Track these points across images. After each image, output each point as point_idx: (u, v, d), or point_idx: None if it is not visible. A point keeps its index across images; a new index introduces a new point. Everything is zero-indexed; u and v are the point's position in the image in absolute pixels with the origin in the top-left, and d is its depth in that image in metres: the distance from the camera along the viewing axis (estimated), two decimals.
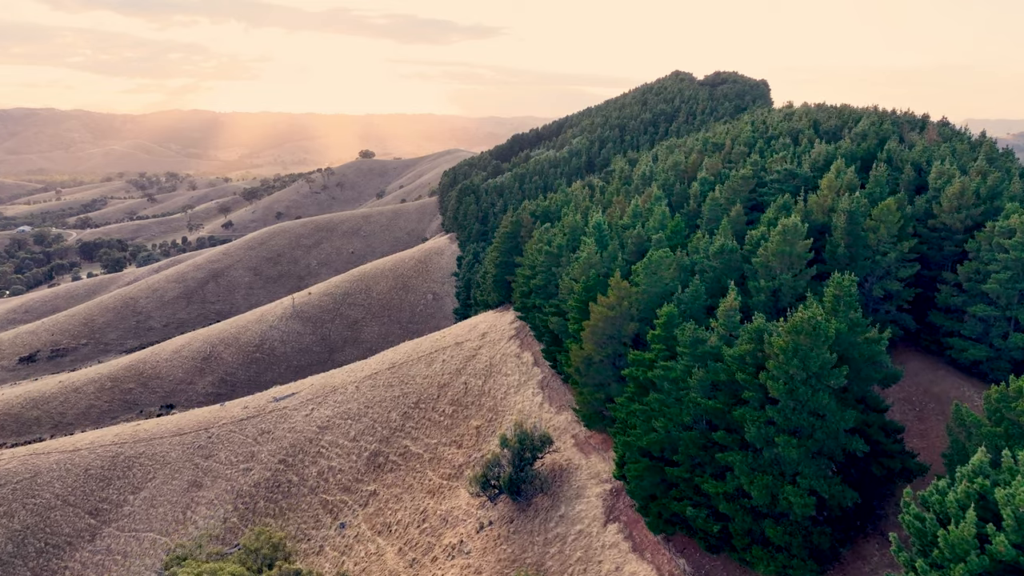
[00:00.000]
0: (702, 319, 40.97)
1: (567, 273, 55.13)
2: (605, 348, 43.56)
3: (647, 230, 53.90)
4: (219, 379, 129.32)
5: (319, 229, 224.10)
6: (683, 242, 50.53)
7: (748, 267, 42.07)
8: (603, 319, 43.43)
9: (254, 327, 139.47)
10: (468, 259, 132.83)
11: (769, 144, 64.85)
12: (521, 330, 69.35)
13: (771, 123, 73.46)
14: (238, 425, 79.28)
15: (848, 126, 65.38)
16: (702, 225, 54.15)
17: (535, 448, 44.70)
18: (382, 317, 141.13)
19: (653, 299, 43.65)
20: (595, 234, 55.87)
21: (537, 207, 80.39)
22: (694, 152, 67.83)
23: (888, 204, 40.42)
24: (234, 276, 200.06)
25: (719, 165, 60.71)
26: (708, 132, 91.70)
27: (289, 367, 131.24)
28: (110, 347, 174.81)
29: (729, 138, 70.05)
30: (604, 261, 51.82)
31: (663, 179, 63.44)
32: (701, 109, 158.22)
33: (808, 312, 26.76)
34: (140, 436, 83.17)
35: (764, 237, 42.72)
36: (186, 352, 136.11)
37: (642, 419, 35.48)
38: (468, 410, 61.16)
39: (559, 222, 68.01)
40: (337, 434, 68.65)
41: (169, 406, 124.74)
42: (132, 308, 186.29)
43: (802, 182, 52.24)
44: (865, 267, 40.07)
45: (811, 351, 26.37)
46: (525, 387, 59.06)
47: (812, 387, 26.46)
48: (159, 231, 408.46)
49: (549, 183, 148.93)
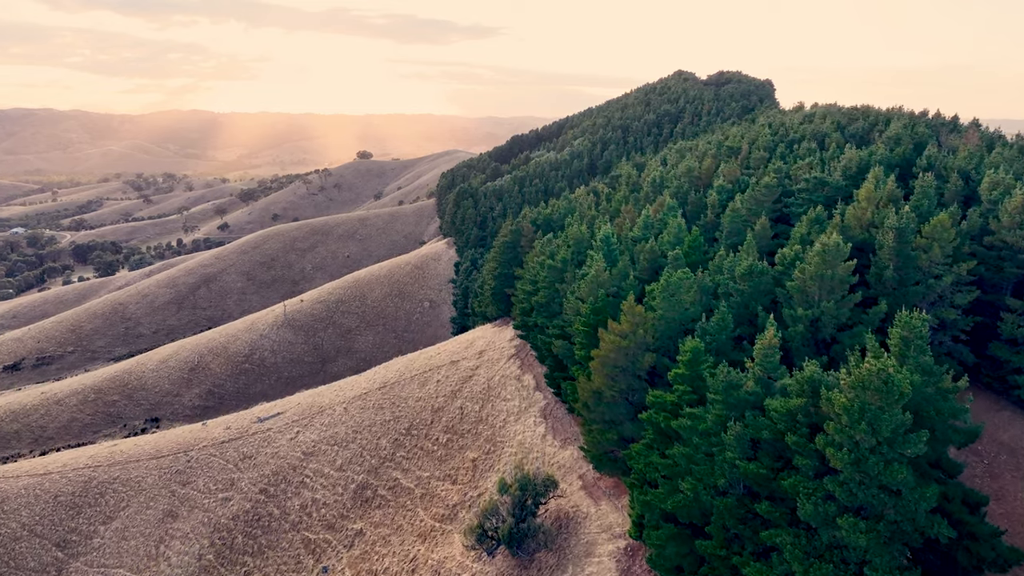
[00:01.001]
0: (729, 351, 35.87)
1: (572, 291, 50.05)
2: (617, 382, 38.43)
3: (661, 244, 48.80)
4: (207, 391, 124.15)
5: (314, 232, 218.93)
6: (703, 259, 45.40)
7: (781, 291, 36.94)
8: (615, 349, 38.31)
9: (244, 336, 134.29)
10: (466, 266, 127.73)
11: (791, 148, 59.73)
12: (521, 349, 64.24)
13: (790, 125, 68.25)
14: (219, 448, 74.13)
15: (878, 128, 60.21)
16: (721, 239, 49.03)
17: (538, 494, 39.59)
18: (377, 326, 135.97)
19: (672, 326, 38.56)
20: (603, 248, 50.76)
21: (538, 215, 75.24)
22: (708, 157, 62.70)
23: (941, 220, 35.32)
24: (226, 281, 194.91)
25: (737, 171, 55.61)
26: (720, 135, 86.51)
27: (280, 378, 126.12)
28: (97, 355, 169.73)
29: (746, 142, 64.84)
30: (614, 279, 46.69)
31: (675, 186, 58.32)
32: (707, 110, 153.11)
33: (878, 364, 21.62)
34: (116, 459, 78.01)
35: (799, 257, 37.61)
36: (173, 362, 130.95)
37: (664, 474, 30.37)
38: (464, 439, 56.03)
39: (562, 232, 62.90)
40: (323, 462, 63.50)
41: (154, 420, 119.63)
42: (121, 314, 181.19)
43: (833, 191, 47.14)
44: (916, 293, 34.96)
45: (882, 412, 21.26)
46: (526, 415, 53.94)
47: (884, 457, 21.34)
48: (154, 233, 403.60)
49: (550, 186, 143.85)
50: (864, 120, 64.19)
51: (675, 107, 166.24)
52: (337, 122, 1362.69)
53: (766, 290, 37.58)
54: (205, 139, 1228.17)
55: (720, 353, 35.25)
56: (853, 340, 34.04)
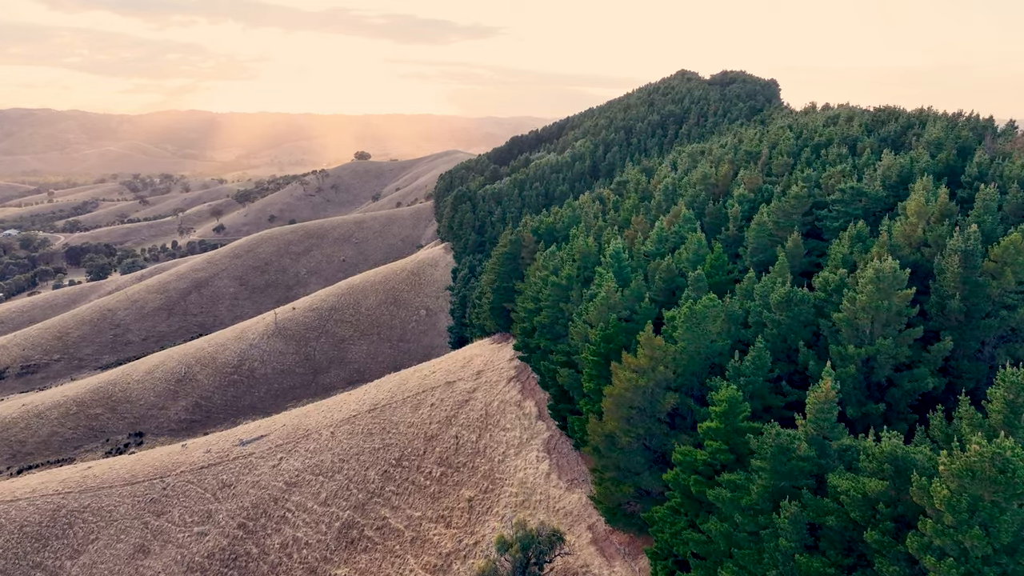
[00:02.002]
0: (767, 394, 30.78)
1: (579, 314, 44.97)
2: (634, 426, 33.35)
3: (679, 262, 43.68)
4: (193, 404, 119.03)
5: (309, 236, 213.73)
6: (727, 280, 40.27)
7: (824, 323, 31.85)
8: (630, 387, 33.23)
9: (233, 346, 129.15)
10: (464, 273, 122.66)
11: (817, 154, 54.64)
12: (522, 370, 59.13)
13: (812, 128, 62.99)
14: (198, 474, 69.00)
15: (913, 132, 55.00)
16: (745, 256, 43.91)
17: (542, 551, 34.49)
18: (371, 335, 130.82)
19: (696, 361, 33.48)
20: (613, 265, 45.65)
21: (540, 223, 70.11)
22: (725, 162, 57.63)
23: (1014, 240, 30.27)
24: (218, 286, 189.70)
25: (759, 179, 50.52)
26: (734, 137, 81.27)
27: (269, 390, 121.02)
28: (84, 363, 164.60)
29: (765, 145, 59.66)
30: (626, 301, 41.60)
31: (691, 195, 53.24)
32: (713, 110, 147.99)
33: (991, 447, 16.51)
34: (88, 484, 72.88)
35: (843, 283, 32.52)
36: (159, 373, 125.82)
37: (697, 552, 25.27)
38: (459, 473, 50.92)
39: (566, 245, 57.78)
40: (306, 494, 58.37)
41: (138, 434, 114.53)
42: (109, 321, 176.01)
43: (872, 203, 42.04)
44: (987, 327, 29.91)
45: (1000, 511, 16.16)
46: (527, 448, 48.84)
47: (1002, 569, 16.22)
48: (149, 235, 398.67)
49: (550, 189, 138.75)
50: (896, 122, 58.96)
51: (679, 107, 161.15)
52: (336, 122, 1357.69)
53: (806, 320, 32.48)
54: (203, 139, 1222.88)
55: (756, 396, 30.22)
56: (914, 384, 29.00)
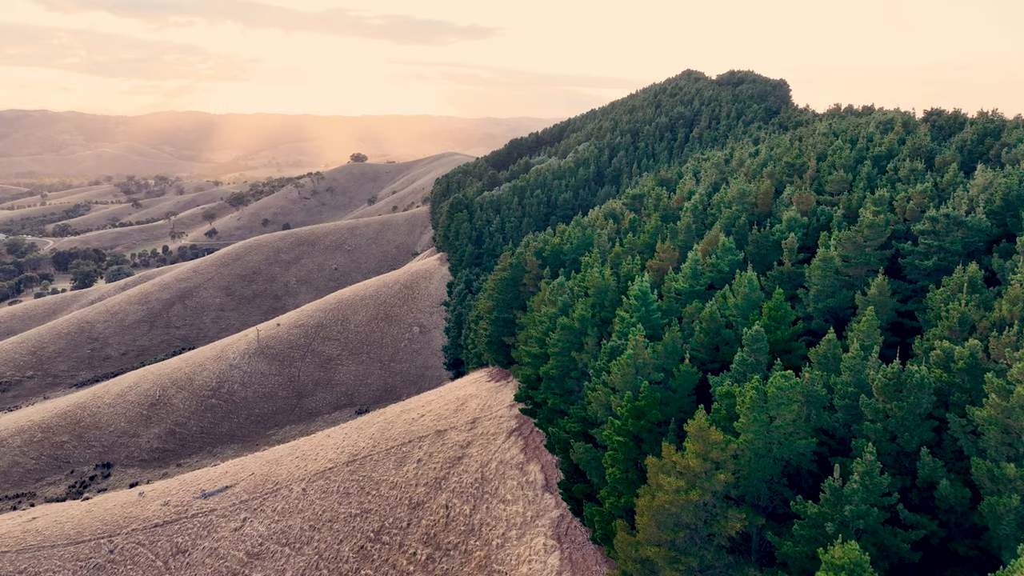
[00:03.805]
0: (881, 530, 21.69)
1: (597, 370, 35.86)
2: (685, 554, 24.26)
3: (723, 307, 34.58)
4: (167, 431, 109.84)
5: (300, 243, 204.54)
6: (789, 335, 31.12)
7: (953, 418, 22.76)
8: (675, 500, 24.17)
9: (212, 366, 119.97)
10: (460, 288, 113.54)
11: (881, 167, 45.60)
12: (525, 423, 50.07)
13: (865, 134, 53.43)
14: (151, 534, 59.83)
15: (1003, 143, 45.61)
16: (806, 300, 34.78)
17: None
18: (360, 354, 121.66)
19: (766, 463, 24.43)
20: (639, 309, 36.54)
21: (544, 244, 60.95)
22: (764, 176, 48.57)
23: None
24: (203, 297, 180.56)
25: (811, 198, 41.49)
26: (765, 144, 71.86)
27: (250, 416, 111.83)
28: (59, 380, 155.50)
29: (812, 156, 50.31)
30: (659, 359, 32.52)
31: (727, 217, 44.20)
32: (725, 112, 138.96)
33: None
34: (27, 542, 63.61)
35: (974, 359, 23.43)
36: (132, 396, 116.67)
37: None
38: (449, 559, 41.82)
39: (577, 275, 48.65)
40: (269, 570, 49.24)
41: (106, 465, 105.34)
42: (88, 334, 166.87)
43: (973, 235, 32.98)
44: None
45: None
46: (532, 530, 39.76)
47: None
48: (140, 239, 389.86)
49: (553, 197, 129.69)
50: (970, 128, 49.66)
51: (689, 109, 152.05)
52: (334, 123, 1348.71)
53: (925, 412, 23.38)
54: (201, 140, 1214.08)
55: (867, 532, 21.13)
56: None
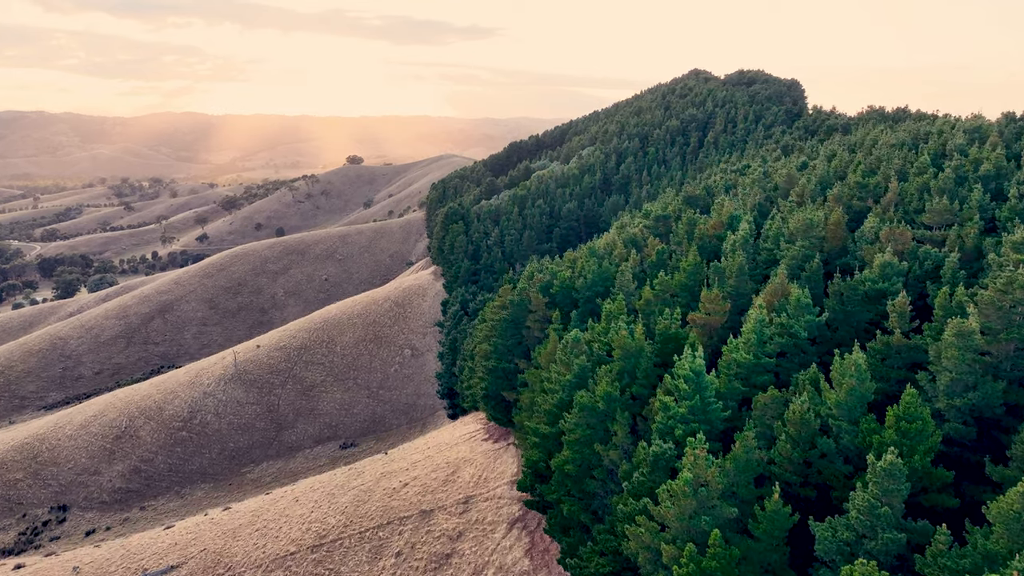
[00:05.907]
0: None
1: (635, 488, 25.60)
2: None
3: (818, 404, 24.32)
4: (132, 468, 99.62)
5: (288, 252, 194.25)
6: (928, 448, 20.84)
7: None
8: None
9: (184, 393, 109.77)
10: (455, 309, 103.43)
11: (995, 191, 35.44)
12: (528, 516, 39.83)
13: (953, 145, 42.96)
14: None
15: None
16: (935, 393, 24.54)
17: None
18: (346, 380, 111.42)
19: None
20: (692, 397, 26.29)
21: (552, 277, 50.63)
22: (832, 201, 38.24)
23: None
24: (185, 310, 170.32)
25: (908, 235, 31.38)
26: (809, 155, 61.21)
27: (223, 451, 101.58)
28: (26, 402, 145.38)
29: (892, 176, 39.91)
30: (728, 480, 22.29)
31: (792, 256, 33.95)
32: (743, 115, 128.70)
33: None
34: None
35: None
36: (96, 427, 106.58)
37: None
38: None
39: (596, 326, 38.35)
40: None
41: (62, 508, 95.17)
42: (60, 351, 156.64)
43: None
44: None
45: None
46: None
47: None
48: (130, 244, 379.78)
49: (556, 207, 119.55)
50: None
51: (702, 111, 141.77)
52: (332, 124, 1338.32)
53: None
54: (199, 142, 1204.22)
55: None
56: None
